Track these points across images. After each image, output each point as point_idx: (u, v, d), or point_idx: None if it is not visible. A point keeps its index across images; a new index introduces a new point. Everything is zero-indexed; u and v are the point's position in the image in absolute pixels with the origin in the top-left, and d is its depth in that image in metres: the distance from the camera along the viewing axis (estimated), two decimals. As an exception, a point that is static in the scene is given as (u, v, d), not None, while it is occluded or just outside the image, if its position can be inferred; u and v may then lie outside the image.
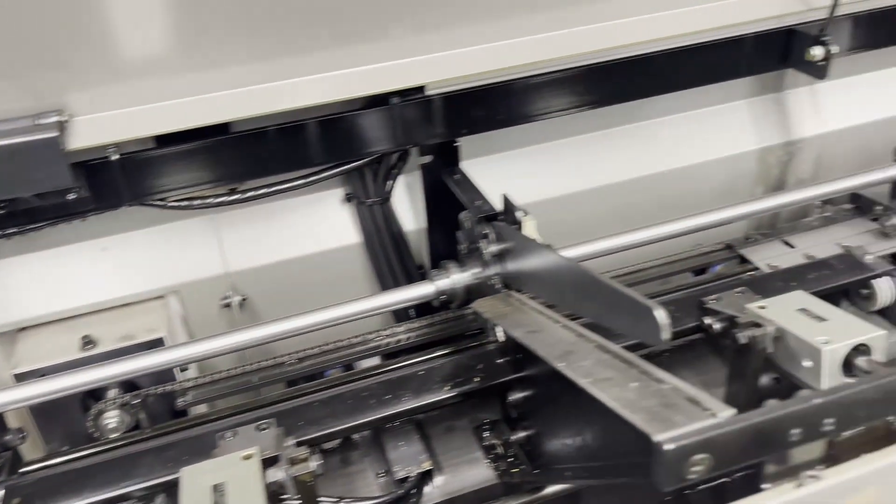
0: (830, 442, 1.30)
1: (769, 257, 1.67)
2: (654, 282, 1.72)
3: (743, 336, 1.29)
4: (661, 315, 0.83)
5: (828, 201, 1.81)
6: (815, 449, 1.05)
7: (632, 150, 1.77)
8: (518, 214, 1.26)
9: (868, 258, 1.58)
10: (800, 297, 1.39)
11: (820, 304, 1.35)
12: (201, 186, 1.43)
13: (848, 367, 1.22)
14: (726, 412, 0.74)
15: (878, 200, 1.72)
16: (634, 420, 0.76)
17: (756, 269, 1.64)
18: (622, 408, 0.79)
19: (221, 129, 1.40)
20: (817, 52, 1.50)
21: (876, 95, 1.92)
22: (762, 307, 1.37)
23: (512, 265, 1.28)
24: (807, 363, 1.24)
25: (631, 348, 0.97)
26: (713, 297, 1.46)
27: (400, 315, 1.66)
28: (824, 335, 1.24)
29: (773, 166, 1.87)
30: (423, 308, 1.53)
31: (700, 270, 1.76)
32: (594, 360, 0.94)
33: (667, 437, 0.72)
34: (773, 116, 1.84)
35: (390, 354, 1.54)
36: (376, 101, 1.43)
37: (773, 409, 0.75)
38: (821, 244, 1.69)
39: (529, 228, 1.39)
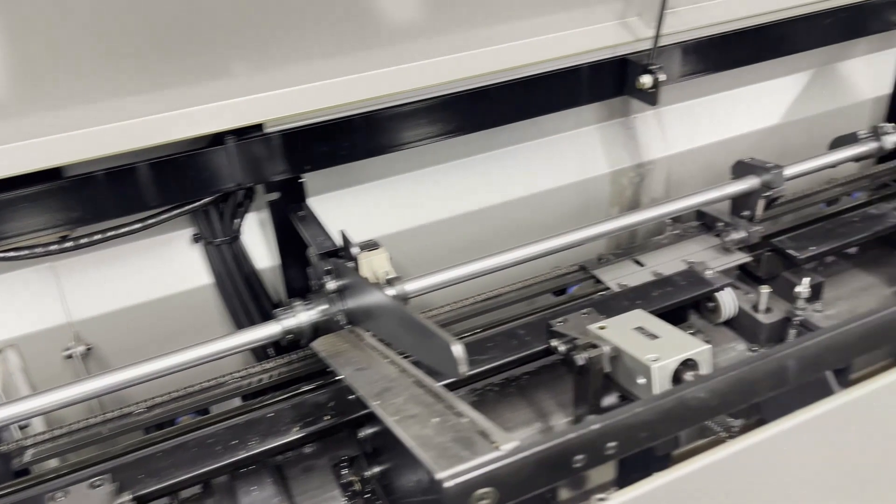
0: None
1: (620, 276, 1.72)
2: (518, 304, 1.76)
3: (581, 357, 1.33)
4: (457, 350, 0.85)
5: (677, 219, 1.89)
6: (609, 471, 1.09)
7: (487, 178, 1.81)
8: (353, 251, 1.26)
9: (708, 273, 1.65)
10: (638, 316, 1.44)
11: (655, 322, 1.41)
12: (34, 234, 1.37)
13: (678, 381, 1.28)
14: (509, 444, 0.75)
15: (720, 217, 1.81)
16: (424, 457, 0.76)
17: (607, 288, 1.70)
18: (417, 445, 0.79)
19: (53, 174, 1.36)
20: (646, 80, 1.58)
21: (716, 117, 2.03)
22: (602, 327, 1.42)
23: (351, 302, 1.28)
24: (641, 380, 1.29)
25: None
26: (560, 319, 1.50)
27: (259, 354, 1.63)
28: (655, 352, 1.29)
29: (626, 188, 1.95)
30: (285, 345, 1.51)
31: (560, 292, 1.81)
32: (407, 395, 0.95)
33: (449, 474, 0.72)
34: (623, 140, 1.92)
35: (247, 396, 1.51)
36: (218, 140, 1.41)
37: (555, 437, 0.77)
38: (668, 261, 1.75)
39: (374, 263, 1.40)
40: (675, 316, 1.66)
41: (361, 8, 1.38)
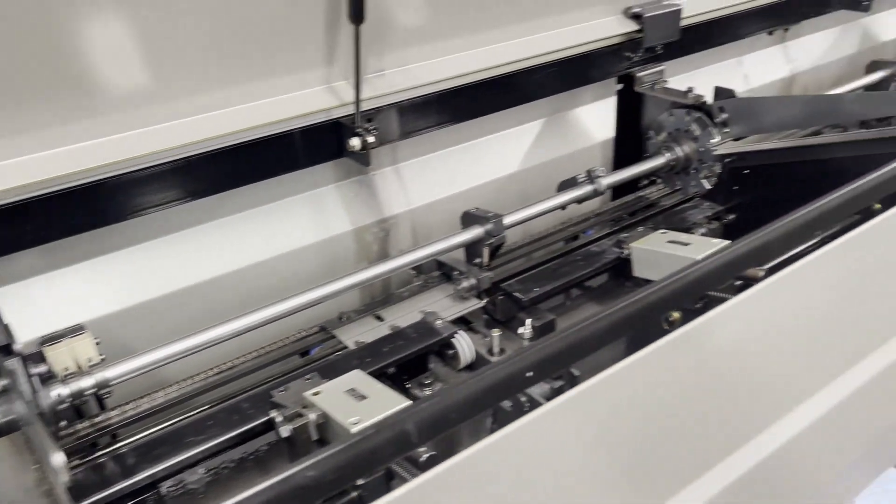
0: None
1: (359, 334, 1.73)
2: (263, 369, 1.72)
3: (285, 429, 1.31)
4: (57, 458, 0.80)
5: (420, 271, 1.94)
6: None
7: (220, 245, 1.77)
8: (18, 346, 1.18)
9: (438, 323, 1.70)
10: (353, 378, 1.45)
11: (368, 382, 1.42)
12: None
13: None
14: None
15: (455, 266, 1.87)
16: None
17: (345, 347, 1.70)
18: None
19: None
20: (355, 142, 1.61)
21: (458, 168, 2.11)
22: (317, 393, 1.41)
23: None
24: (347, 445, 1.28)
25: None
26: (282, 388, 1.48)
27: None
28: (357, 414, 1.30)
29: (371, 244, 1.97)
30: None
31: (305, 354, 1.79)
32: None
33: None
34: (364, 197, 1.95)
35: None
36: None
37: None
38: (407, 314, 1.79)
39: (77, 350, 1.32)
40: (415, 366, 1.70)
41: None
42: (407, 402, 1.30)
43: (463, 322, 1.88)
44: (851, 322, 1.65)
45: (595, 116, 2.34)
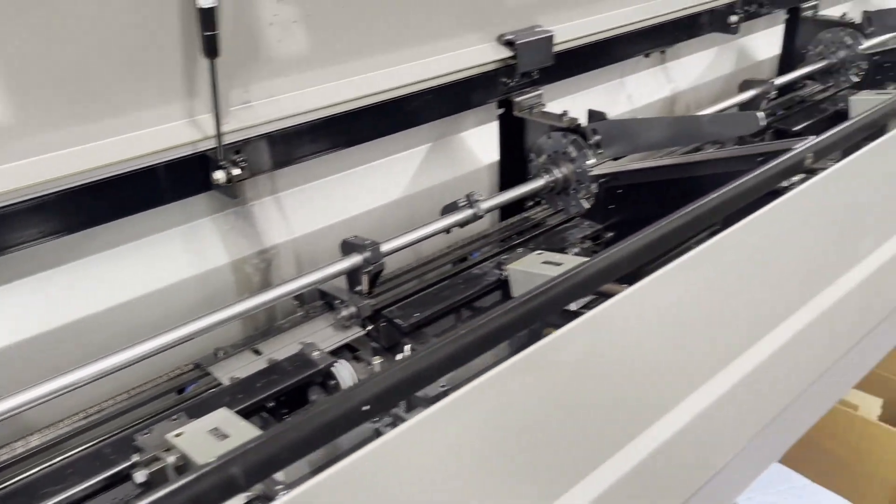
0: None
1: (235, 369, 1.70)
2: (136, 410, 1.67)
3: (141, 474, 1.27)
4: None
5: (302, 301, 1.92)
6: None
7: (92, 283, 1.71)
8: None
9: (315, 354, 1.69)
10: (217, 417, 1.42)
11: (232, 420, 1.39)
12: None
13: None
14: None
15: (337, 295, 1.86)
16: None
17: (220, 384, 1.67)
18: None
19: None
20: (219, 175, 1.60)
21: (343, 195, 2.11)
22: (179, 434, 1.37)
23: None
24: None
25: None
26: (146, 431, 1.44)
27: None
28: (218, 454, 1.27)
29: (252, 275, 1.95)
30: None
31: (181, 390, 1.75)
32: None
33: None
34: (242, 228, 1.93)
35: None
36: None
37: None
38: (286, 346, 1.77)
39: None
40: (295, 399, 1.68)
41: None
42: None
43: (349, 350, 1.87)
44: (725, 321, 1.73)
45: (479, 141, 2.38)
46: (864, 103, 2.62)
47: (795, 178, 1.85)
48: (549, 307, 1.25)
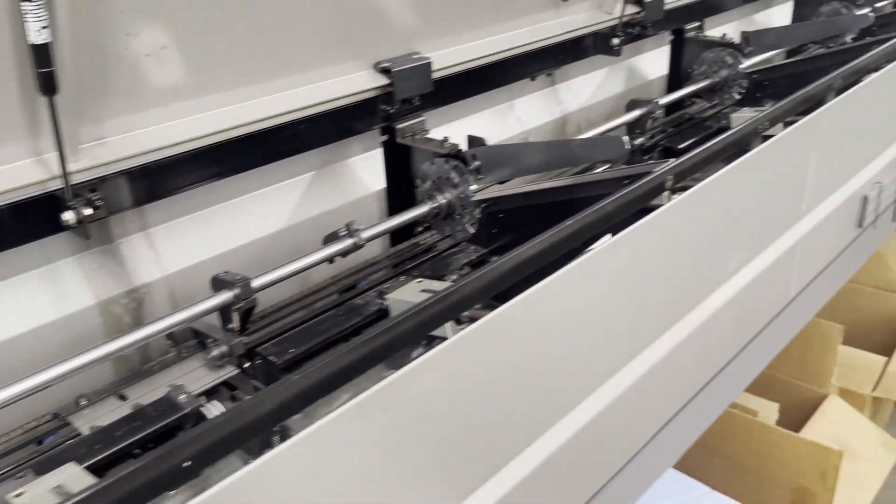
0: None
1: (97, 417, 1.62)
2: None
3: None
4: None
5: (175, 341, 1.85)
6: None
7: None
8: None
9: (182, 397, 1.62)
10: (66, 471, 1.35)
11: (79, 476, 1.33)
12: None
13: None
14: None
15: (210, 333, 1.80)
16: None
17: (79, 434, 1.59)
18: None
19: None
20: (68, 216, 1.52)
21: (221, 228, 2.05)
22: (20, 494, 1.30)
23: None
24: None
25: None
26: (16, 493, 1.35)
27: None
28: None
29: (122, 316, 1.87)
30: None
31: (40, 442, 1.65)
32: None
33: None
34: (109, 267, 1.85)
35: None
36: None
37: None
38: (154, 390, 1.70)
39: None
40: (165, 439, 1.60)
41: None
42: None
43: (228, 389, 1.82)
44: (609, 332, 1.76)
45: (365, 168, 2.36)
46: (743, 120, 2.72)
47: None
48: (413, 334, 1.25)
